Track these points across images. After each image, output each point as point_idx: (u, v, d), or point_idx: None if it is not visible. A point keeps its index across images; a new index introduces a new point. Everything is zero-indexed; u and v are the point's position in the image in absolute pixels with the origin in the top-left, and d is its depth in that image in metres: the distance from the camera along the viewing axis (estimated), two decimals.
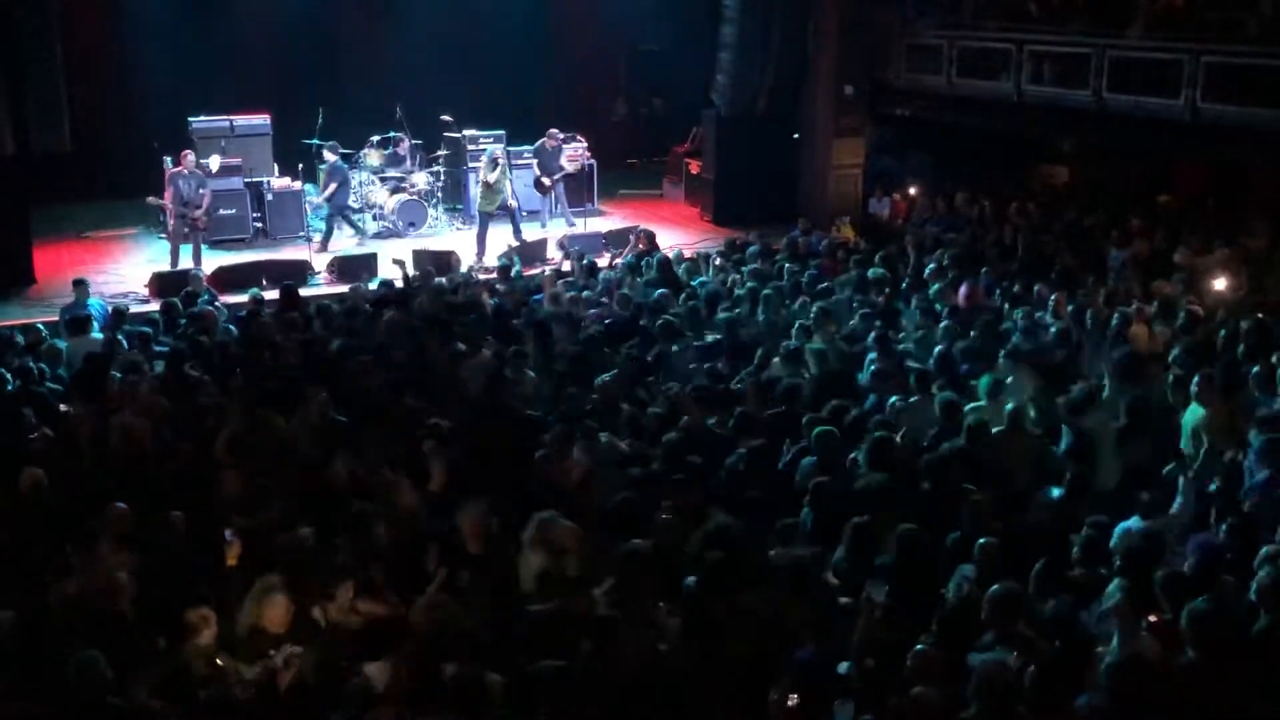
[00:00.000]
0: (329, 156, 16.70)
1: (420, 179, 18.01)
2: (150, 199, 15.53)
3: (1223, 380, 8.87)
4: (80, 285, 12.41)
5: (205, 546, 7.01)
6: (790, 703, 5.01)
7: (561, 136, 18.14)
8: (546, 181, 17.85)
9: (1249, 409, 8.65)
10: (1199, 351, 10.10)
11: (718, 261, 14.52)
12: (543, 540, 6.45)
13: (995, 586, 5.89)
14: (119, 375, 9.63)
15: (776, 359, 10.13)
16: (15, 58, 14.61)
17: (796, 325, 10.86)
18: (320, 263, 15.60)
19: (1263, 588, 5.92)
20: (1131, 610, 5.71)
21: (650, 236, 15.38)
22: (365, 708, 5.31)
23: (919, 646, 5.37)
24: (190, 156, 15.35)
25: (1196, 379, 8.74)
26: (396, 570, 6.68)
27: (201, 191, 15.14)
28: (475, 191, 17.02)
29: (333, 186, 16.55)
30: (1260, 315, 11.37)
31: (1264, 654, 5.60)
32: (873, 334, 10.60)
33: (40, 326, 11.60)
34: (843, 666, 5.60)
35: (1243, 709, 5.30)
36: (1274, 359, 9.74)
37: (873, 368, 9.77)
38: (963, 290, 12.60)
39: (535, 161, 17.93)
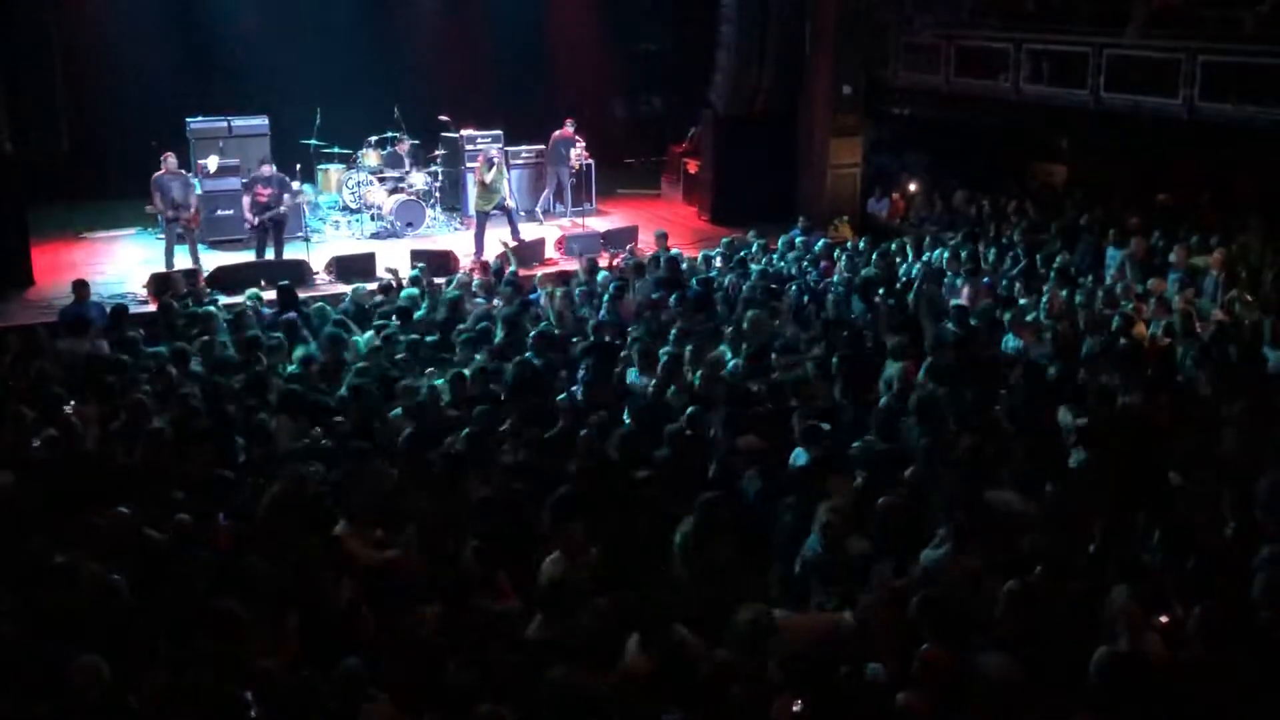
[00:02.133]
0: (266, 170, 15.66)
1: (418, 179, 18.00)
2: (149, 208, 15.51)
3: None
4: (81, 286, 12.39)
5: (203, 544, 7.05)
6: (795, 708, 4.98)
7: (573, 130, 18.38)
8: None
9: None
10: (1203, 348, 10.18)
11: (718, 262, 14.53)
12: None
13: (1010, 582, 5.89)
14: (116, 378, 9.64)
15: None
16: (12, 58, 14.60)
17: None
18: (318, 263, 15.60)
19: (1261, 587, 5.94)
20: (1139, 610, 5.71)
21: (663, 237, 15.42)
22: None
23: (924, 646, 5.34)
24: (171, 159, 15.18)
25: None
26: None
27: (189, 192, 15.08)
28: (472, 191, 17.03)
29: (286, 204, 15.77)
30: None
31: (1265, 652, 5.61)
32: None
33: (39, 328, 11.59)
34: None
35: (1242, 706, 5.32)
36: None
37: None
38: (965, 290, 12.62)
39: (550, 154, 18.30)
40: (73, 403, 9.12)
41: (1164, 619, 5.81)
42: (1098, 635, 5.70)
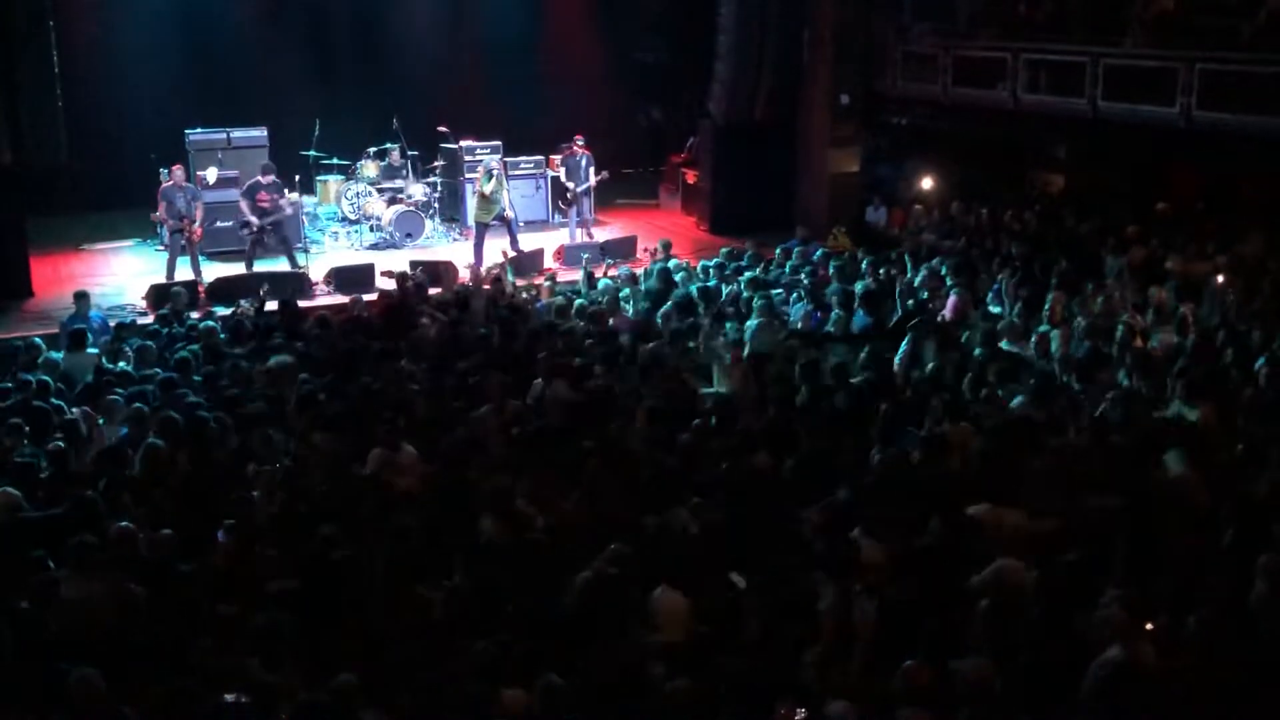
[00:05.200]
0: (268, 177, 15.76)
1: (417, 190, 18.01)
2: (154, 215, 15.55)
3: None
4: (82, 298, 12.41)
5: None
6: (798, 717, 4.97)
7: (582, 143, 17.98)
8: (571, 190, 17.76)
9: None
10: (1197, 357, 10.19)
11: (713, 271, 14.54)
12: None
13: (984, 601, 5.91)
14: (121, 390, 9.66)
15: None
16: (11, 70, 14.61)
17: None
18: (317, 274, 15.60)
19: (1260, 596, 5.94)
20: (1129, 617, 5.70)
21: (666, 246, 15.43)
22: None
23: (907, 661, 5.33)
24: (180, 170, 15.34)
25: (1182, 383, 9.07)
26: None
27: (195, 204, 15.14)
28: (472, 202, 17.02)
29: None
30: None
31: (1260, 660, 5.61)
32: None
33: (38, 340, 11.57)
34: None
35: (1237, 713, 5.32)
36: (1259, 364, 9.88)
37: None
38: (950, 301, 12.58)
39: (563, 170, 17.91)
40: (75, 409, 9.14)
41: (1150, 626, 5.80)
42: (1088, 645, 5.71)
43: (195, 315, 12.78)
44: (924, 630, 5.64)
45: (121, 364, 10.68)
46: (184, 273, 15.09)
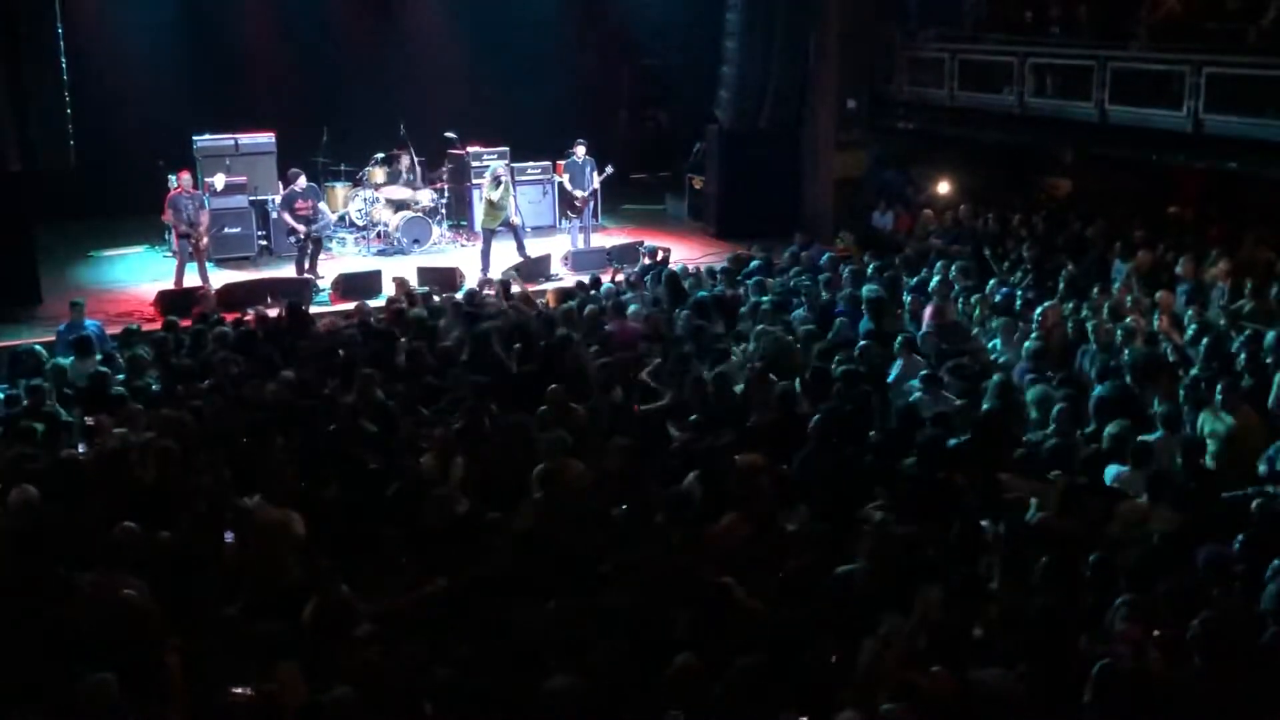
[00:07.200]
0: (300, 183, 15.96)
1: (424, 196, 18.04)
2: (165, 216, 15.60)
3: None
4: (76, 306, 12.40)
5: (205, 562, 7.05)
6: None
7: (584, 147, 17.85)
8: (579, 197, 17.63)
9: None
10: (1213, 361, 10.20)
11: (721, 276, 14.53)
12: None
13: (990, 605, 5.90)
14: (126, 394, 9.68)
15: None
16: (20, 75, 14.66)
17: None
18: (324, 281, 15.62)
19: (1272, 599, 5.91)
20: (1140, 626, 5.69)
21: (666, 252, 15.43)
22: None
23: (935, 668, 5.32)
24: (187, 177, 15.34)
25: (1220, 389, 8.95)
26: None
27: (201, 211, 15.16)
28: (479, 208, 17.03)
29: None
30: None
31: (1271, 665, 5.59)
32: None
33: (38, 348, 11.57)
34: None
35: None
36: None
37: None
38: (928, 310, 12.52)
39: (567, 176, 17.84)
40: (88, 418, 9.17)
41: (1156, 633, 5.79)
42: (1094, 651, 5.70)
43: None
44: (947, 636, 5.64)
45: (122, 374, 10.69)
46: (191, 279, 15.11)
